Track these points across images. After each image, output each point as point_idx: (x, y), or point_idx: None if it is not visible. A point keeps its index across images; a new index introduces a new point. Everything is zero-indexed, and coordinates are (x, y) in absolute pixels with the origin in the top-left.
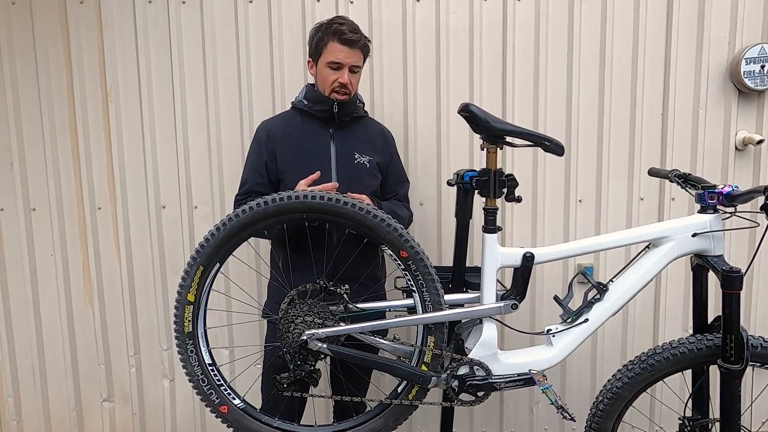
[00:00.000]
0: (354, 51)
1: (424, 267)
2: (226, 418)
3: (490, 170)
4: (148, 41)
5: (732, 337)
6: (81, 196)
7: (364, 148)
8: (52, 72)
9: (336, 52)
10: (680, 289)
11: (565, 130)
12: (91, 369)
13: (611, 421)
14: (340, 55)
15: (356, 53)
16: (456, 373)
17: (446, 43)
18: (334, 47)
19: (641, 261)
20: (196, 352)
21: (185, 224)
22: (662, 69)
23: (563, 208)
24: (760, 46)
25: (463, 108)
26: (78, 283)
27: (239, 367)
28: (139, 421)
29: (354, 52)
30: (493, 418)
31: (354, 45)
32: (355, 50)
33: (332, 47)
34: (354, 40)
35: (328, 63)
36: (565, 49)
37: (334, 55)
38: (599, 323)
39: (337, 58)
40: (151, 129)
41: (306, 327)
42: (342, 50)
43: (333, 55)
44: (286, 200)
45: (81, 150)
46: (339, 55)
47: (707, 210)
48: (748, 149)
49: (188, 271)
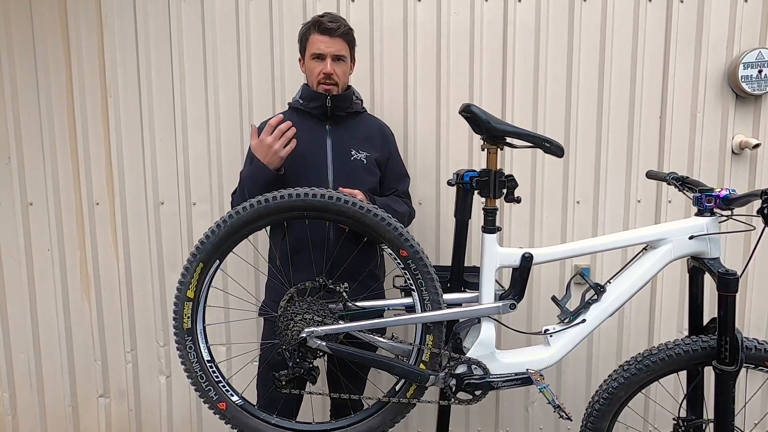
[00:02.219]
0: (335, 40)
1: (423, 266)
2: (224, 414)
3: (490, 171)
4: (148, 37)
5: (727, 339)
6: (79, 192)
7: (361, 145)
8: (51, 67)
9: (317, 43)
10: (675, 290)
11: (564, 131)
12: (87, 365)
13: (607, 420)
14: (321, 45)
15: (338, 42)
16: (454, 371)
17: (447, 44)
18: (314, 38)
19: (638, 263)
20: (194, 349)
21: (183, 221)
22: (661, 72)
23: (561, 209)
24: (757, 51)
25: (464, 108)
26: (75, 279)
27: (236, 364)
28: (135, 418)
29: (335, 41)
30: (488, 418)
31: (333, 33)
32: (336, 39)
33: (313, 39)
34: (333, 29)
35: (311, 55)
36: (565, 51)
37: (315, 46)
38: (596, 324)
39: (318, 49)
40: (150, 125)
41: (305, 324)
42: (322, 40)
43: (314, 46)
44: (287, 198)
45: (79, 145)
46: (320, 46)
47: (704, 213)
48: (745, 153)
49: (188, 267)
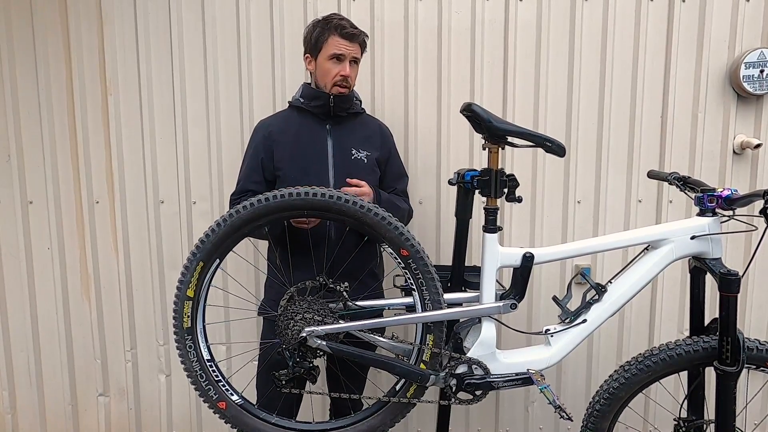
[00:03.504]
0: (354, 45)
1: (424, 266)
2: (224, 414)
3: (491, 170)
4: (149, 35)
5: (728, 340)
6: (79, 190)
7: (361, 144)
8: (52, 65)
9: (338, 45)
10: (676, 290)
11: (565, 131)
12: (87, 363)
13: (607, 421)
14: (342, 48)
15: (356, 47)
16: (454, 371)
17: (448, 42)
18: (335, 41)
19: (640, 263)
20: (194, 348)
21: (184, 220)
22: (662, 72)
23: (562, 209)
24: (759, 51)
25: (465, 107)
26: (75, 278)
27: (236, 363)
28: (134, 416)
29: (354, 46)
30: (488, 417)
31: (354, 39)
32: (355, 44)
33: (334, 41)
34: (355, 34)
35: (330, 56)
36: (566, 50)
37: (336, 47)
38: (597, 324)
39: (339, 50)
40: (150, 123)
41: (305, 324)
42: (344, 43)
43: (335, 48)
44: (287, 197)
45: (79, 143)
46: (341, 48)
47: (706, 213)
48: (746, 153)
49: (188, 266)
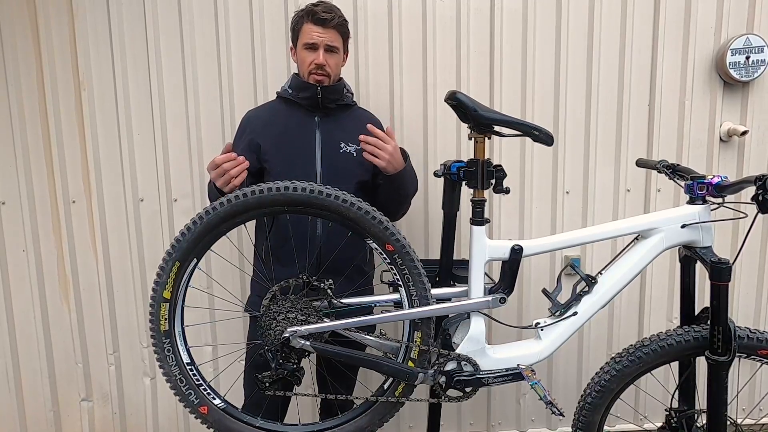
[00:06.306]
0: (328, 30)
1: (410, 261)
2: (206, 419)
3: (478, 161)
4: (123, 27)
5: (720, 329)
6: (54, 189)
7: (351, 138)
8: (21, 59)
9: (310, 33)
10: (665, 280)
11: (553, 120)
12: (68, 368)
13: (599, 413)
14: (314, 35)
15: (331, 32)
16: (443, 368)
17: (432, 30)
18: (308, 28)
19: (630, 253)
20: (173, 351)
21: (165, 218)
22: (649, 59)
23: (550, 200)
24: (745, 37)
25: (449, 96)
26: (52, 280)
27: (222, 364)
28: (119, 421)
29: (328, 32)
30: (480, 411)
31: (327, 24)
32: (329, 29)
33: (306, 28)
34: (327, 19)
35: (304, 45)
36: (553, 38)
37: (308, 35)
38: (588, 316)
39: (311, 39)
40: (127, 119)
41: (288, 324)
42: (316, 30)
43: (308, 36)
44: (266, 192)
45: (53, 141)
46: (313, 36)
47: (696, 201)
48: (733, 140)
49: (163, 267)
